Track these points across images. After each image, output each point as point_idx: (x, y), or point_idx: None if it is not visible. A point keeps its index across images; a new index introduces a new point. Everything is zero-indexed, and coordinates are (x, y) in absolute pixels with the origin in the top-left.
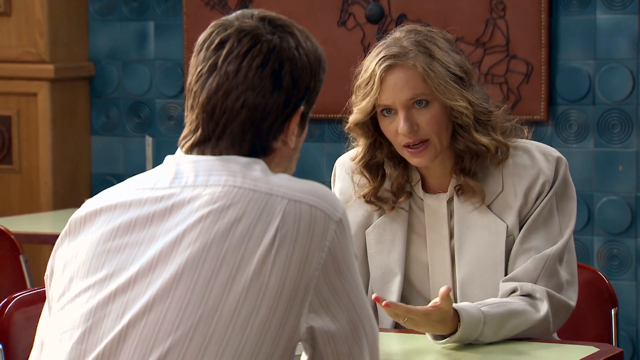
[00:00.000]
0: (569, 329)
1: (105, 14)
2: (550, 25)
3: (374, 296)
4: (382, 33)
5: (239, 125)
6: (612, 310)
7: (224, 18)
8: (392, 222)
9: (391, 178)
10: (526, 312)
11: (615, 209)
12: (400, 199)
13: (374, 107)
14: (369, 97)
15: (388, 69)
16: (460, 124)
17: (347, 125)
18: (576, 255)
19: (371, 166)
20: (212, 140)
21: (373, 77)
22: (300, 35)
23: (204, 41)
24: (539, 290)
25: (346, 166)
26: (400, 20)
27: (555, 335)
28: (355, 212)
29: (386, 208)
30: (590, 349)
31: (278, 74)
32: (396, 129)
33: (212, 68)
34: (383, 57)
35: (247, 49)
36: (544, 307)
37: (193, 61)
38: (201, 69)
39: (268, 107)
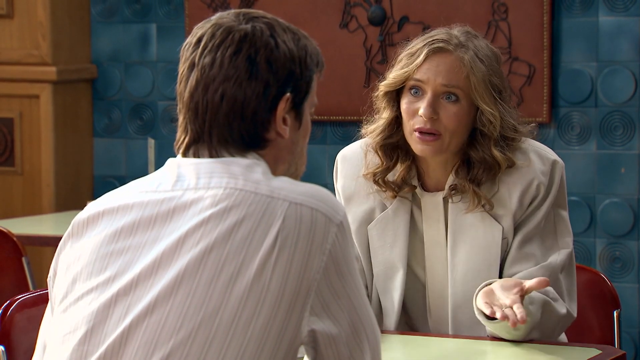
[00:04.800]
0: (572, 331)
1: (107, 16)
2: (552, 27)
3: (499, 316)
4: (385, 35)
5: (223, 117)
6: (615, 312)
7: (205, 20)
8: (394, 218)
9: (398, 170)
10: (553, 304)
11: (618, 211)
12: (405, 190)
13: (406, 80)
14: (407, 68)
15: (437, 51)
16: (485, 133)
17: (377, 92)
18: (577, 257)
19: (387, 146)
20: (204, 137)
21: (419, 52)
22: (278, 26)
23: (186, 44)
24: (551, 291)
25: (349, 157)
26: (403, 22)
27: (564, 337)
28: (358, 207)
29: (389, 195)
30: (593, 351)
31: (253, 61)
32: (416, 109)
33: (192, 66)
34: (436, 39)
35: (221, 41)
36: (563, 308)
37: (179, 66)
38: (183, 70)
39: (247, 96)
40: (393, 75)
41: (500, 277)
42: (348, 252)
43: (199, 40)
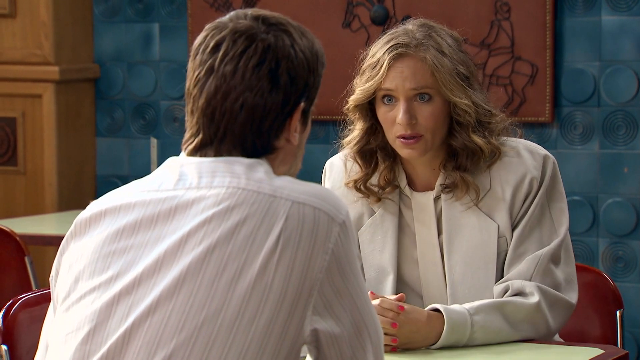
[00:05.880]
0: (574, 331)
1: (110, 15)
2: (555, 26)
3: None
4: None
5: (239, 127)
6: (617, 312)
7: (218, 20)
8: (383, 222)
9: (379, 171)
10: (515, 301)
11: (621, 211)
12: (387, 190)
13: (375, 91)
14: (373, 80)
15: (398, 57)
16: (461, 122)
17: (347, 106)
18: (579, 256)
19: (365, 152)
20: (214, 143)
21: (381, 61)
22: (295, 33)
23: (200, 45)
24: (529, 285)
25: (337, 166)
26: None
27: (558, 337)
28: None
29: (373, 199)
30: (596, 351)
31: (275, 73)
32: (394, 118)
33: (210, 71)
34: (394, 44)
35: (243, 50)
36: (534, 298)
37: (190, 65)
38: (199, 73)
39: (267, 107)
40: (360, 89)
41: (502, 277)
42: (351, 251)
43: (218, 45)
